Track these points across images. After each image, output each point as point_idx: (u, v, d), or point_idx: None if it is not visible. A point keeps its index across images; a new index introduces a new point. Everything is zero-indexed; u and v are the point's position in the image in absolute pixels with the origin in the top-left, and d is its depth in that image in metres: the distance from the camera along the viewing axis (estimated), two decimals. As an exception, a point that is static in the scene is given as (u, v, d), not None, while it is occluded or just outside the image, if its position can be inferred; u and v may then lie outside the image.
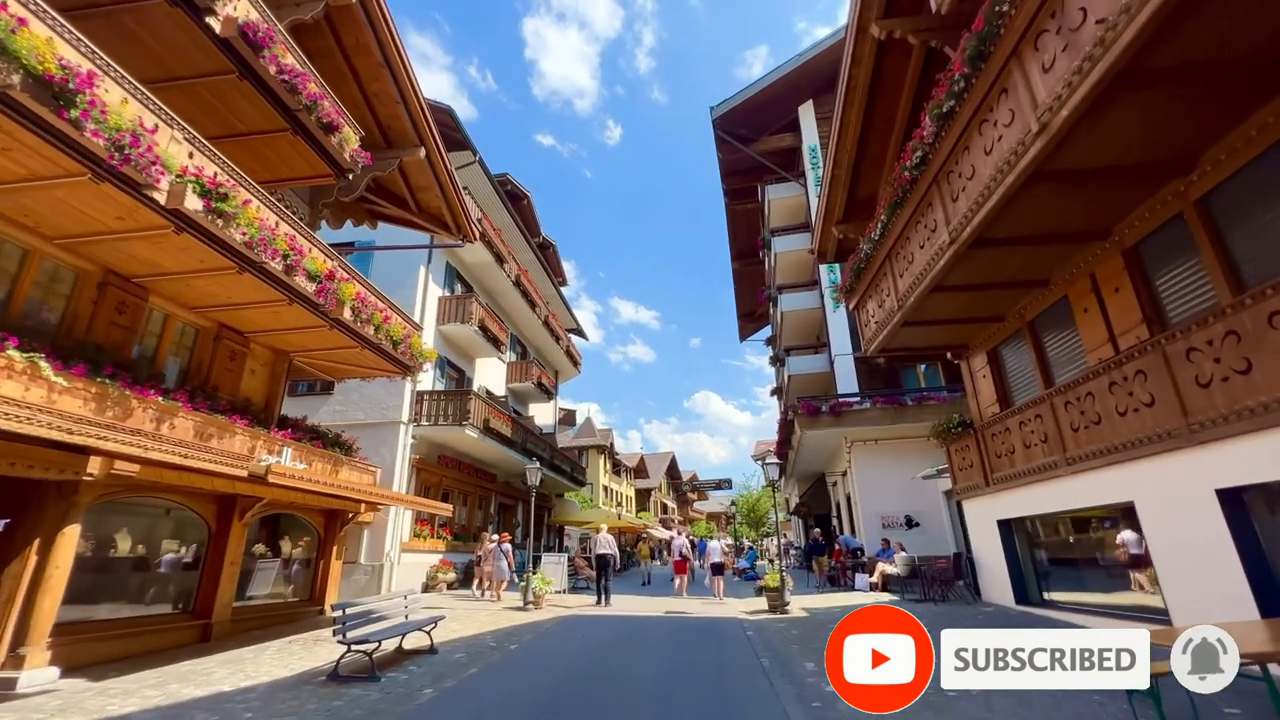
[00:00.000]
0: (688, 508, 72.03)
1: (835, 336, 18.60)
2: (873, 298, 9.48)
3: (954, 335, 9.59)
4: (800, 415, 16.35)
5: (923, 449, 16.16)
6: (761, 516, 47.60)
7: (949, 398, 15.62)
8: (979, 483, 9.59)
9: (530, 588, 11.36)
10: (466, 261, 18.21)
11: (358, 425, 14.30)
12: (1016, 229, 6.40)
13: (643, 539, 20.41)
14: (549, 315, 24.06)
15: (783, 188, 22.47)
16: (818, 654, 6.92)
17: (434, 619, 7.31)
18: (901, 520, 16.03)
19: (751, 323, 38.50)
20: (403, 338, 9.72)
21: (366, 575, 13.08)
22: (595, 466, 41.05)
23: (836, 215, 10.92)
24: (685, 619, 10.42)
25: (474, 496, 18.05)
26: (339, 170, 8.88)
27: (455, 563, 15.62)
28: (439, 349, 16.39)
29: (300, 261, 7.28)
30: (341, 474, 10.11)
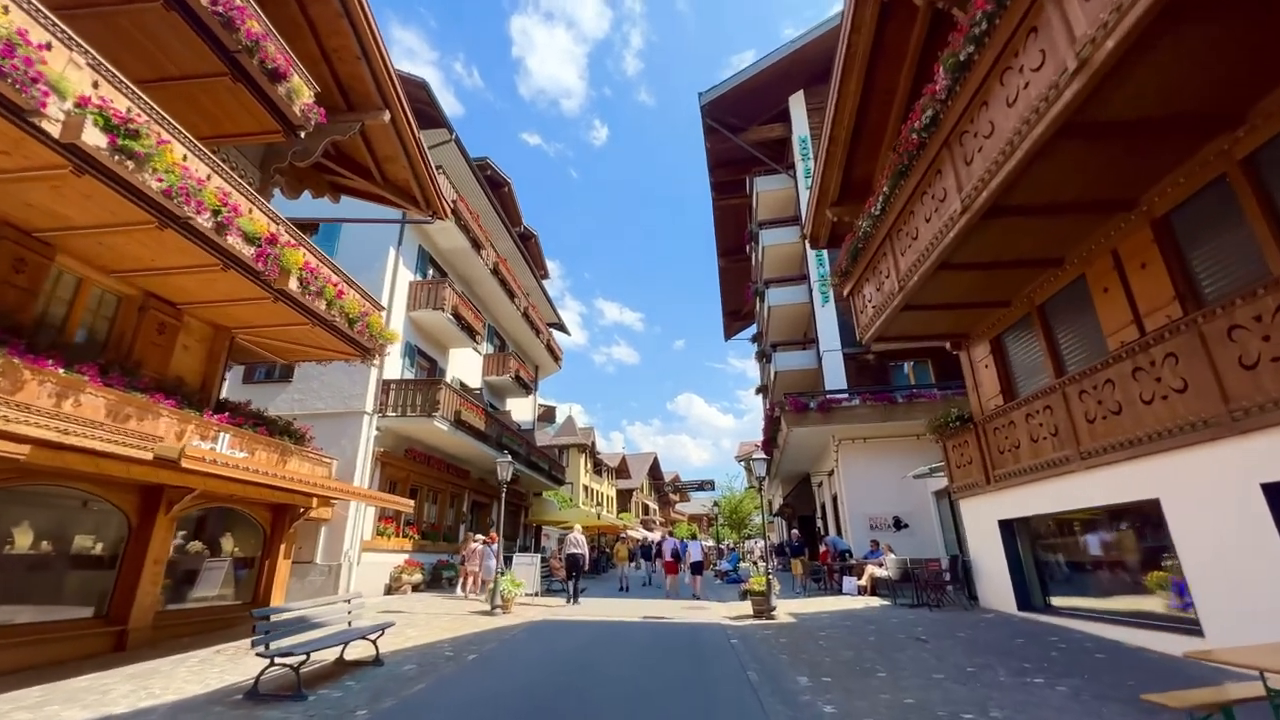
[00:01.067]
0: (670, 509, 71.38)
1: (824, 332, 18.05)
2: (870, 281, 8.85)
3: (955, 322, 9.00)
4: (787, 412, 15.74)
5: (912, 448, 15.69)
6: (744, 518, 47.08)
7: (940, 396, 15.13)
8: (978, 481, 9.01)
9: (498, 590, 10.54)
10: (441, 246, 17.32)
11: (317, 415, 13.38)
12: (1036, 195, 5.78)
13: (621, 539, 18.72)
14: (529, 307, 23.21)
15: (772, 180, 21.90)
16: (810, 666, 6.23)
17: (382, 626, 6.48)
18: (890, 521, 15.50)
19: (737, 321, 38.00)
20: (359, 315, 8.86)
21: (323, 576, 12.14)
22: (576, 466, 40.20)
23: (831, 196, 10.31)
24: (664, 625, 9.69)
25: (445, 494, 17.14)
26: (289, 127, 8.01)
27: (422, 563, 14.71)
28: (409, 337, 15.50)
29: (234, 220, 6.42)
30: (290, 465, 9.21)
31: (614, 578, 20.35)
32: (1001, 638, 7.05)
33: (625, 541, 18.39)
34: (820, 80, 20.21)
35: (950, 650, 6.53)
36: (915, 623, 8.51)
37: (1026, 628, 7.46)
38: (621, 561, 17.07)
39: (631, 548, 18.44)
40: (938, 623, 8.37)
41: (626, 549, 17.24)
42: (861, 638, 7.62)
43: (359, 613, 6.85)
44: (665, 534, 18.63)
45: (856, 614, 9.82)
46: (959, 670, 5.65)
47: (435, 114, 15.63)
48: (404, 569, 13.97)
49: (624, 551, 17.40)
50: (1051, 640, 6.66)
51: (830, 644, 7.37)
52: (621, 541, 18.83)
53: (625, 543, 18.33)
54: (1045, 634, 7.03)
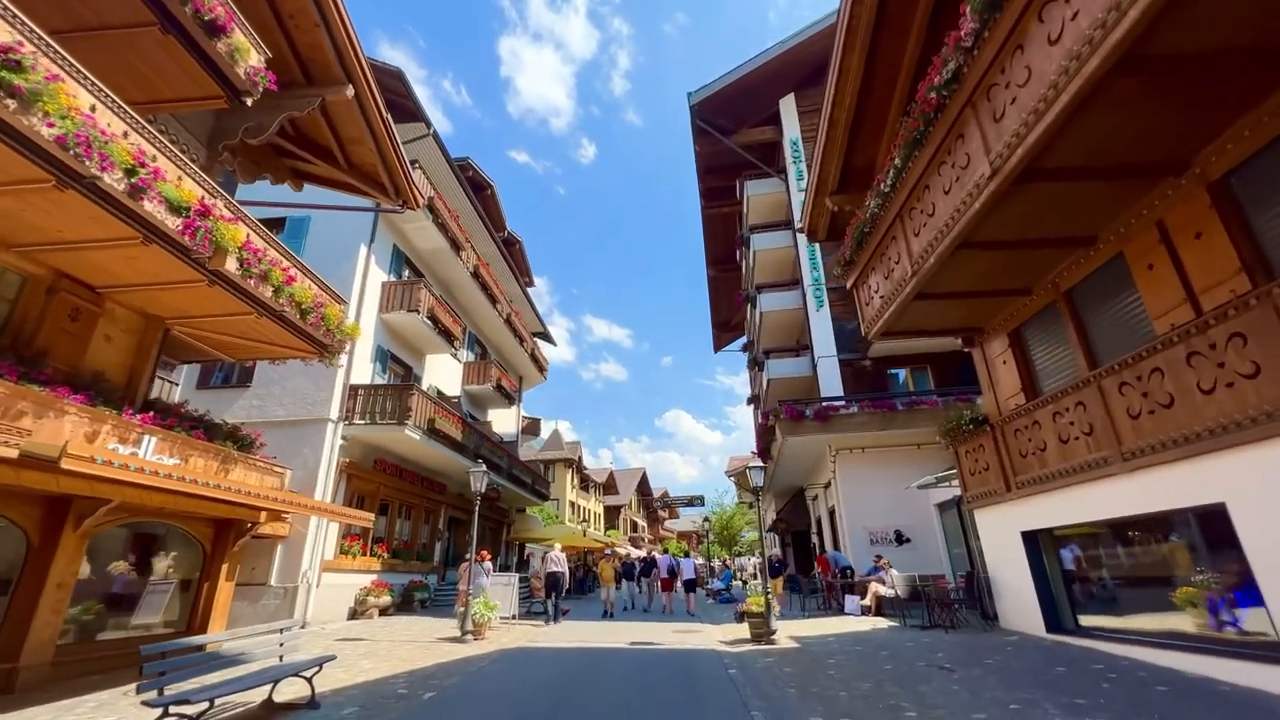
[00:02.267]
0: (659, 526, 70.01)
1: (818, 337, 17.36)
2: (878, 269, 8.11)
3: (970, 314, 8.27)
4: (782, 420, 14.94)
5: (912, 458, 14.94)
6: (735, 535, 46.00)
7: (941, 403, 14.42)
8: (996, 489, 8.21)
9: (469, 614, 9.50)
10: (418, 246, 16.45)
11: (278, 422, 12.35)
12: (1075, 154, 5.07)
13: (605, 557, 16.50)
14: (512, 313, 22.33)
15: (763, 183, 21.37)
16: (824, 703, 5.32)
17: (319, 660, 5.47)
18: (891, 536, 14.66)
19: (727, 332, 37.36)
20: (313, 306, 7.94)
21: (278, 600, 11.02)
22: (562, 481, 39.07)
23: (831, 184, 9.61)
24: (653, 652, 8.71)
25: (419, 509, 16.04)
26: (233, 92, 7.15)
27: (391, 584, 13.58)
28: (381, 340, 14.54)
29: (154, 184, 5.53)
30: (234, 474, 8.20)
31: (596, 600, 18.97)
32: (1037, 665, 6.20)
33: (610, 559, 15.90)
34: (811, 83, 19.80)
35: (982, 682, 5.66)
36: (933, 647, 7.63)
37: (1062, 653, 6.61)
38: (607, 583, 14.70)
39: (619, 566, 16.40)
40: (958, 647, 7.49)
41: (612, 568, 15.23)
42: (877, 666, 6.72)
43: (296, 643, 5.83)
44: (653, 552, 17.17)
45: (865, 637, 8.92)
46: (1001, 708, 4.78)
47: (411, 106, 14.87)
48: (371, 591, 12.84)
49: (609, 571, 14.99)
50: (1096, 669, 5.82)
51: (843, 674, 6.46)
52: (606, 559, 16.26)
53: (610, 560, 15.73)
54: (1085, 660, 6.19)
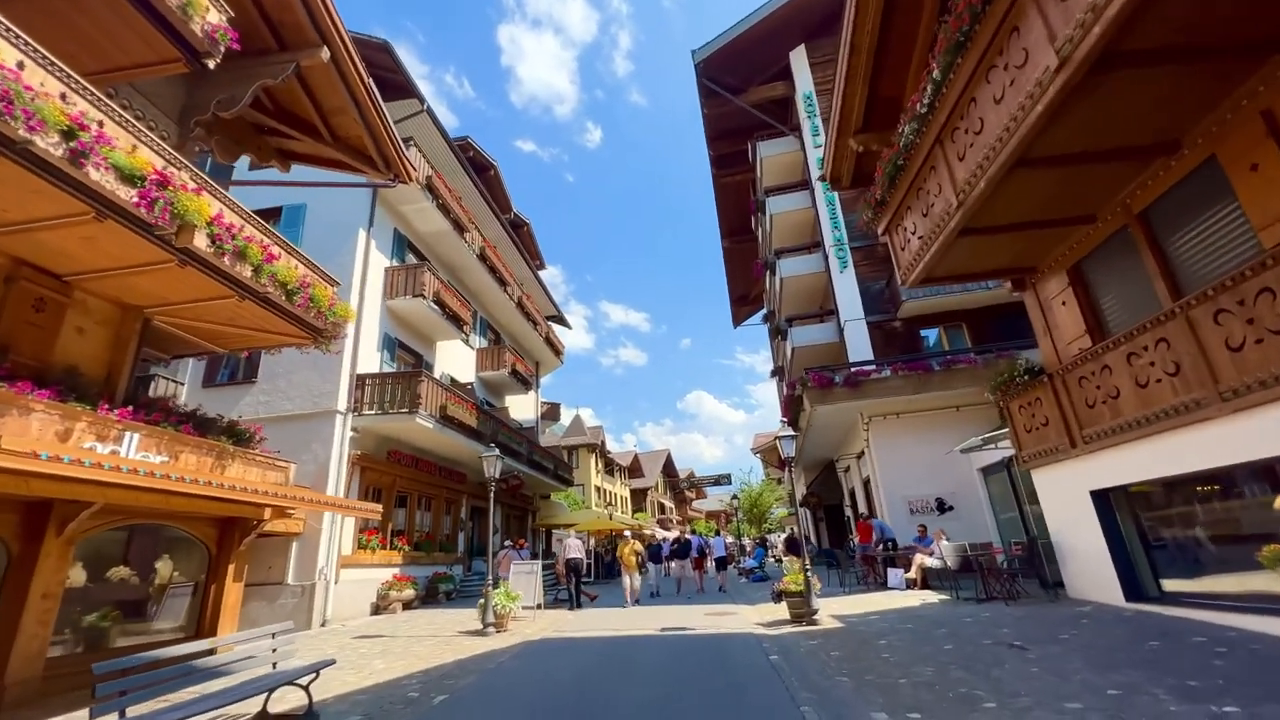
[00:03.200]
0: (686, 507, 69.74)
1: (843, 300, 16.43)
2: (914, 206, 7.24)
3: (1022, 250, 7.35)
4: (810, 389, 14.13)
5: (951, 422, 14.05)
6: (764, 512, 45.37)
7: (981, 360, 13.48)
8: (1059, 445, 7.37)
9: (489, 606, 9.01)
10: (419, 230, 15.87)
11: (286, 417, 11.97)
12: (1165, 32, 4.18)
13: (624, 539, 13.94)
14: (523, 296, 21.73)
15: (776, 143, 20.31)
16: (884, 693, 4.65)
17: (316, 666, 4.95)
18: (932, 504, 13.86)
19: (745, 306, 36.40)
20: (299, 286, 7.37)
21: (295, 598, 10.68)
22: (586, 466, 38.77)
23: (855, 122, 8.69)
24: (685, 638, 8.12)
25: (439, 500, 15.66)
26: (191, 53, 6.52)
27: (414, 577, 13.23)
28: (388, 328, 14.04)
29: (97, 148, 4.94)
30: (231, 470, 7.74)
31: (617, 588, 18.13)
32: (1124, 640, 5.43)
33: (629, 542, 13.36)
34: (823, 32, 18.60)
35: (1065, 661, 4.92)
36: (995, 622, 6.89)
37: (1150, 624, 5.83)
38: (630, 569, 12.71)
39: (643, 550, 14.03)
40: (1025, 621, 6.74)
41: (633, 550, 13.04)
42: (935, 646, 6.02)
43: (292, 648, 5.33)
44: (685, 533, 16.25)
45: (916, 613, 8.21)
46: (1097, 694, 4.05)
47: (402, 81, 14.19)
48: (393, 585, 12.49)
49: (630, 554, 12.91)
50: (1198, 641, 5.03)
51: (897, 656, 5.78)
52: (625, 541, 13.53)
53: (630, 543, 13.28)
54: (1181, 632, 5.40)
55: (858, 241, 16.94)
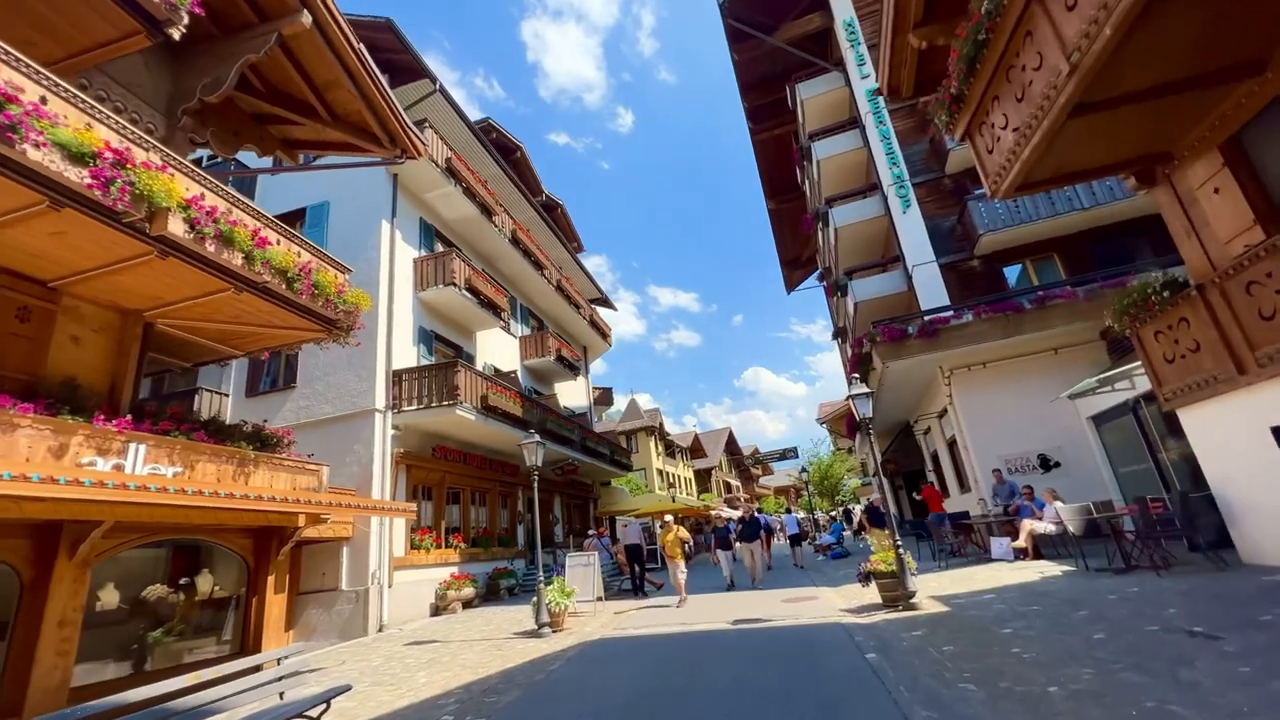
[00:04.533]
0: (753, 484, 68.27)
1: (909, 243, 14.69)
2: (1004, 93, 5.78)
3: (1154, 129, 5.76)
4: (880, 344, 12.64)
5: (1049, 367, 12.27)
6: (836, 484, 43.44)
7: (1083, 293, 11.62)
8: (1220, 373, 5.80)
9: (542, 605, 8.27)
10: (445, 217, 15.28)
11: (325, 420, 11.67)
12: None
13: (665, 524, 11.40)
14: (562, 279, 20.99)
15: (817, 82, 18.52)
16: (1028, 707, 3.48)
17: (325, 696, 4.25)
18: (1033, 462, 12.18)
19: (797, 270, 34.42)
20: (300, 272, 6.72)
21: (351, 604, 10.36)
22: (646, 450, 38.09)
23: (914, 14, 7.23)
24: (763, 633, 7.10)
25: (493, 493, 15.21)
26: (152, 23, 5.88)
27: (473, 575, 12.80)
28: (421, 321, 13.54)
29: (30, 123, 4.32)
30: (256, 478, 7.26)
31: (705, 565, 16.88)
32: (1365, 621, 4.00)
33: (672, 528, 10.74)
34: (860, -51, 16.62)
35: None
36: (1152, 600, 5.49)
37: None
38: (676, 558, 10.37)
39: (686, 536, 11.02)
40: (1195, 597, 5.32)
41: (677, 538, 10.53)
42: (1082, 636, 4.74)
43: (306, 674, 4.67)
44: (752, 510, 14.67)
45: (1038, 590, 6.85)
46: (1379, 713, 2.75)
47: (410, 61, 13.52)
48: (451, 584, 12.08)
49: (676, 544, 10.44)
50: None
51: (1034, 651, 4.55)
52: (667, 528, 10.88)
53: (673, 529, 10.69)
54: None
55: (920, 176, 15.11)
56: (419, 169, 13.43)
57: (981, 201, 13.48)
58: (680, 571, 10.36)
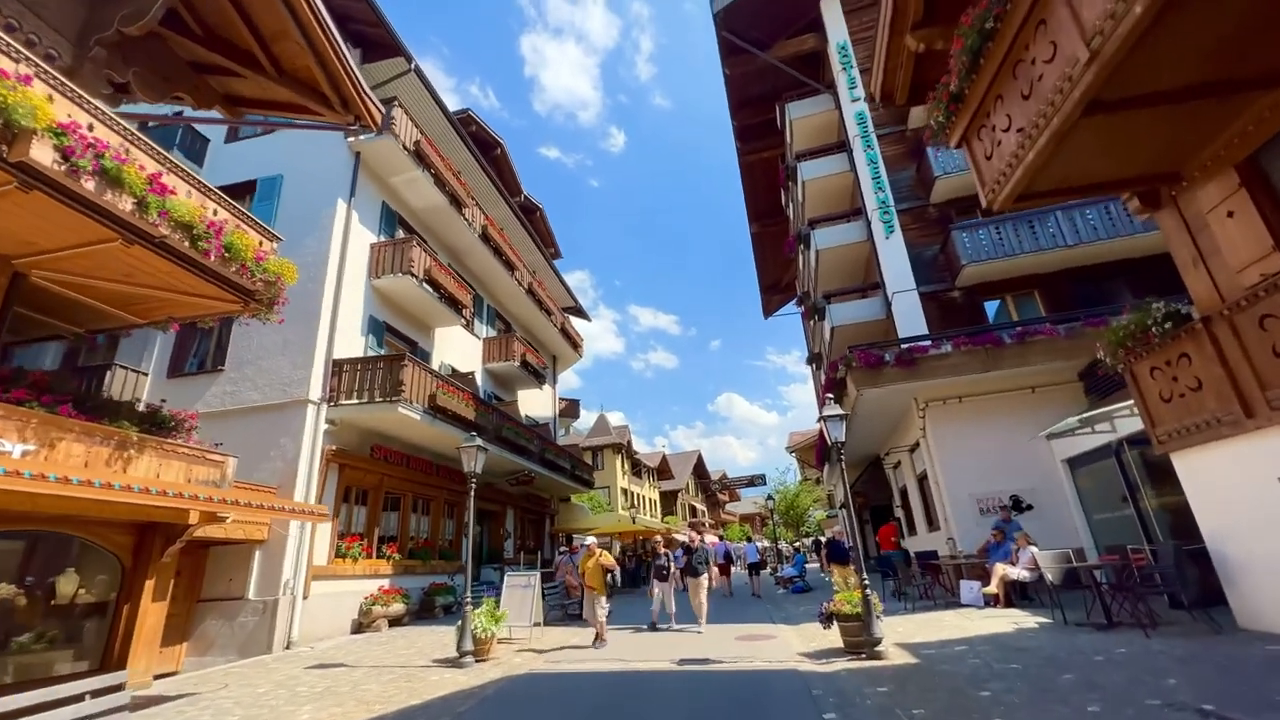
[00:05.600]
0: (719, 510, 67.43)
1: (891, 270, 14.32)
2: (1009, 91, 5.26)
3: (1166, 145, 5.29)
4: (855, 369, 12.12)
5: (1025, 405, 11.87)
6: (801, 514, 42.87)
7: (1064, 331, 11.28)
8: (1224, 414, 5.28)
9: (467, 630, 7.32)
10: (412, 205, 14.43)
11: (254, 409, 10.61)
12: None
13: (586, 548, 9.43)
14: (534, 283, 20.20)
15: (807, 103, 18.31)
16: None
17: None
18: (1005, 502, 11.65)
19: (776, 295, 34.28)
20: (207, 230, 5.84)
21: (256, 616, 9.21)
22: (612, 467, 37.10)
23: (913, 14, 6.77)
24: (710, 677, 6.28)
25: (438, 502, 14.14)
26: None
27: (406, 590, 11.70)
28: (374, 310, 12.59)
29: None
30: (139, 464, 6.25)
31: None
32: None
33: (594, 553, 8.95)
34: (857, -24, 16.57)
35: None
36: (1146, 664, 4.85)
37: None
38: (596, 590, 8.63)
39: (610, 564, 9.21)
40: (1196, 665, 4.69)
41: (599, 565, 8.79)
42: (1073, 708, 4.05)
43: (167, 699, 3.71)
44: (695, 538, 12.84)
45: (1013, 644, 6.19)
46: None
47: (385, 37, 12.79)
48: (378, 599, 10.97)
49: (598, 573, 8.74)
50: None
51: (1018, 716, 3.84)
52: (589, 553, 9.06)
53: (595, 555, 8.91)
54: None
55: (906, 203, 14.83)
56: (384, 150, 12.62)
57: (966, 231, 13.18)
58: (600, 606, 8.52)
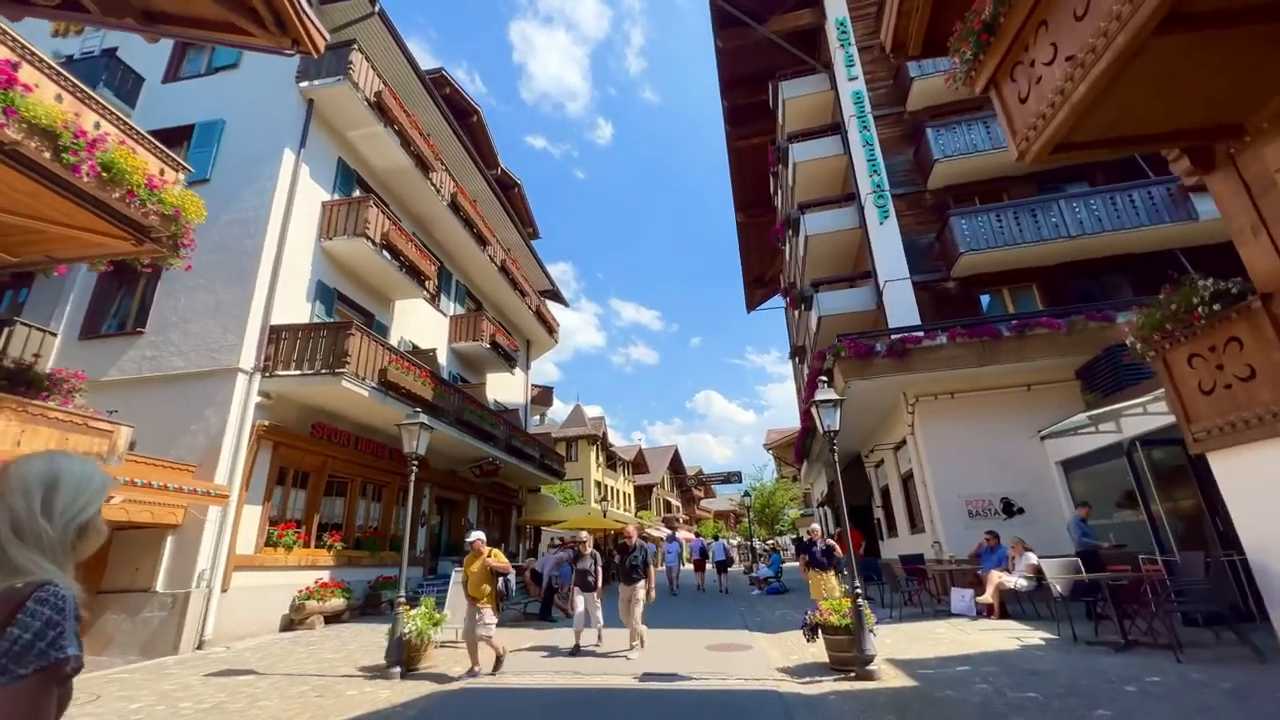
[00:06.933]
0: (694, 506, 66.91)
1: (883, 258, 13.55)
2: (1055, 16, 4.40)
3: (1240, 86, 4.48)
4: (844, 359, 11.32)
5: (1020, 404, 11.21)
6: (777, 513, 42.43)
7: (1066, 324, 10.61)
8: None
9: (397, 635, 6.32)
10: (373, 165, 13.25)
11: (176, 376, 9.45)
12: None
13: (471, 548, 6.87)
14: (508, 260, 19.07)
15: (802, 82, 17.47)
16: None
17: None
18: (996, 505, 11.01)
19: (760, 289, 33.60)
20: (77, 139, 4.73)
21: (163, 611, 8.07)
22: (586, 459, 36.12)
23: (935, -57, 5.90)
24: (678, 696, 5.39)
25: (391, 488, 13.03)
26: None
27: (348, 583, 10.63)
28: (324, 276, 11.42)
29: None
30: (-9, 428, 5.13)
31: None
32: None
33: (480, 553, 6.67)
34: (858, -51, 15.75)
35: None
36: (1192, 699, 4.08)
37: None
38: (481, 602, 6.39)
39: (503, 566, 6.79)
40: (1245, 700, 3.93)
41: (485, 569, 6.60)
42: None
43: None
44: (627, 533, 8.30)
45: (1024, 667, 5.40)
46: None
47: (343, -28, 11.56)
48: (314, 593, 9.88)
49: (483, 578, 6.53)
50: None
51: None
52: (473, 553, 6.74)
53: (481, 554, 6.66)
54: None
55: (901, 189, 14.08)
56: (341, 98, 11.43)
57: (966, 218, 12.48)
58: (482, 624, 6.21)
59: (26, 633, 0.99)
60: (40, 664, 0.98)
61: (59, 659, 1.00)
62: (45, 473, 1.16)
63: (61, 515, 1.14)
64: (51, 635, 1.01)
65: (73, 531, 1.16)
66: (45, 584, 1.05)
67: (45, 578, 1.07)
